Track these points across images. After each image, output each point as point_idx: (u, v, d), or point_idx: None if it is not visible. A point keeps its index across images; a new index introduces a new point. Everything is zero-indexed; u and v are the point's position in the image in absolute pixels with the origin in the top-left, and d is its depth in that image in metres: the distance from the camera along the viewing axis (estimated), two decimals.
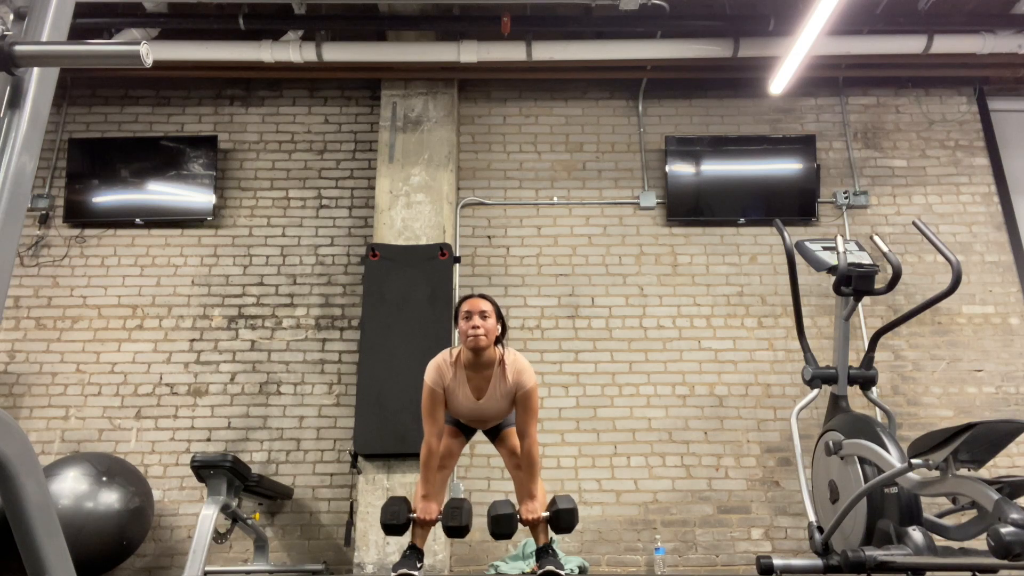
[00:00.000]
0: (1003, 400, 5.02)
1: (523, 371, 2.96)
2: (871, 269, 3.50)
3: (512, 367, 2.96)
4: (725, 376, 5.09)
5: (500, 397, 2.98)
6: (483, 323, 2.89)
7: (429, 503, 2.97)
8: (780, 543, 4.76)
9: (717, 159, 5.44)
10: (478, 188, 5.51)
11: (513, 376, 2.95)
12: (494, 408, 3.01)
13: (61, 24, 1.24)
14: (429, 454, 2.96)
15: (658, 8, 4.94)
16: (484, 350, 2.91)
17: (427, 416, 2.98)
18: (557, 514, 2.95)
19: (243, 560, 4.73)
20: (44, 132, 1.21)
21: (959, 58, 5.25)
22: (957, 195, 5.47)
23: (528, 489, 2.99)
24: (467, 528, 2.91)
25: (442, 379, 2.97)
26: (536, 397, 2.97)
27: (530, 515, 2.94)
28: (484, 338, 2.88)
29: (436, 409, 2.98)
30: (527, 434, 2.95)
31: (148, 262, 5.35)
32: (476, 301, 2.96)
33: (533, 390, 2.95)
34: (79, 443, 4.95)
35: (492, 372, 2.97)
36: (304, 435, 4.98)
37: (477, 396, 2.99)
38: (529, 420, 2.95)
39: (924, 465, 2.58)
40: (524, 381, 2.94)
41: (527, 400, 2.94)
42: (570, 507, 2.96)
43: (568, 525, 2.95)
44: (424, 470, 2.98)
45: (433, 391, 2.96)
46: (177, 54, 5.09)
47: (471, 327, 2.88)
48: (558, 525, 2.96)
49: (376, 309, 4.84)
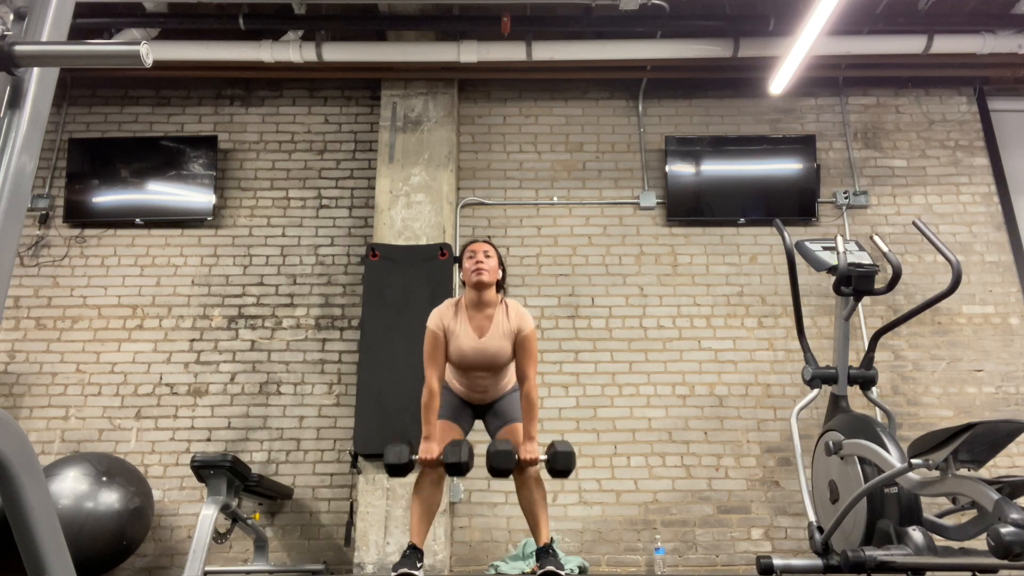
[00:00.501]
0: (1003, 400, 5.02)
1: (524, 316, 3.09)
2: (871, 269, 3.50)
3: (513, 310, 3.10)
4: (725, 376, 5.09)
5: (501, 336, 3.05)
6: (486, 261, 3.05)
7: (431, 443, 3.01)
8: (780, 543, 4.76)
9: (717, 159, 5.44)
10: (478, 188, 5.51)
11: (515, 317, 3.07)
12: (495, 346, 3.05)
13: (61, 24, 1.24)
14: (430, 396, 3.01)
15: (658, 8, 4.94)
16: (487, 287, 3.05)
17: (428, 359, 3.06)
18: (555, 455, 3.01)
19: (243, 560, 4.73)
20: (44, 132, 1.21)
21: (959, 58, 5.25)
22: (957, 195, 5.47)
23: (527, 430, 3.04)
24: (467, 466, 2.93)
25: (443, 321, 3.07)
26: (536, 342, 3.10)
27: (529, 455, 2.99)
28: (487, 274, 3.03)
29: (437, 352, 3.06)
30: (527, 377, 3.04)
31: (148, 262, 5.35)
32: (479, 244, 3.13)
33: (533, 334, 3.08)
34: (79, 443, 4.95)
35: (494, 312, 3.08)
36: (304, 435, 4.98)
37: (479, 335, 3.06)
38: (529, 362, 3.06)
39: (924, 465, 2.58)
40: (526, 324, 3.07)
41: (527, 343, 3.05)
42: (567, 450, 3.02)
43: (565, 467, 3.00)
44: (425, 412, 3.02)
45: (435, 334, 3.05)
46: (177, 54, 5.09)
47: (475, 264, 3.04)
48: (555, 467, 3.01)
49: (376, 309, 4.84)
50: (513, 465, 2.94)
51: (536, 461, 3.00)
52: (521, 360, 3.07)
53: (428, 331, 3.06)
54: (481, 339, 3.05)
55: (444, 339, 3.06)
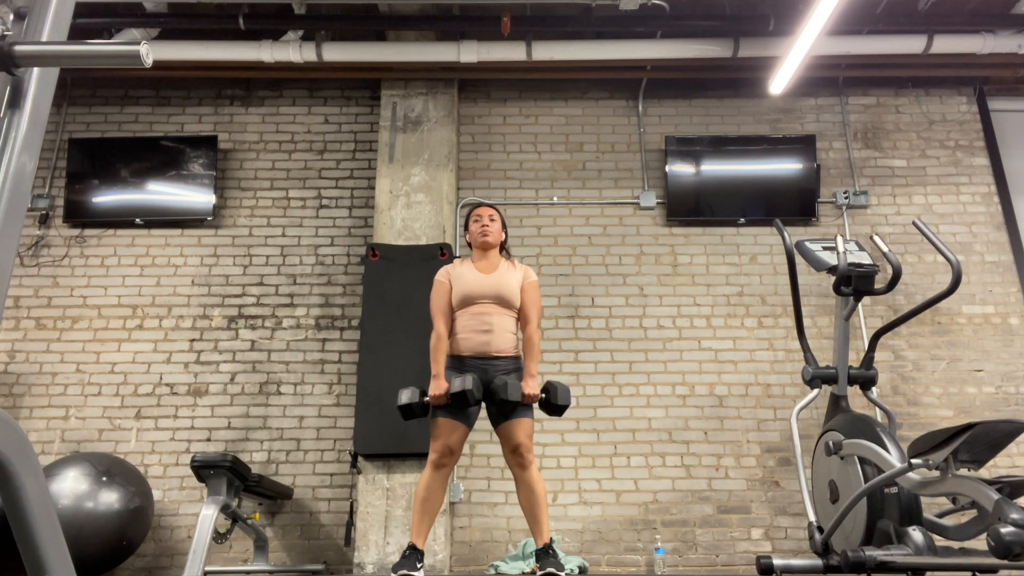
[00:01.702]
0: (1003, 400, 5.02)
1: (528, 268, 3.35)
2: (871, 269, 3.50)
3: (518, 263, 3.37)
4: (725, 376, 5.09)
5: (508, 275, 3.27)
6: (491, 224, 3.32)
7: (439, 381, 3.12)
8: (780, 543, 4.76)
9: (717, 159, 5.44)
10: (478, 188, 5.51)
11: (520, 267, 3.34)
12: (503, 280, 3.25)
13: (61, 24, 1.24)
14: (438, 339, 3.18)
15: (658, 8, 4.94)
16: (492, 247, 3.32)
17: (435, 308, 3.25)
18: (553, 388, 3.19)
19: (243, 560, 4.73)
20: (44, 132, 1.21)
21: (959, 58, 5.25)
22: (957, 195, 5.47)
23: (528, 368, 3.20)
24: (475, 397, 3.04)
25: (449, 274, 3.29)
26: (539, 292, 3.33)
27: (531, 390, 3.12)
28: (492, 236, 3.30)
29: (443, 298, 3.25)
30: (530, 321, 3.25)
31: (148, 262, 5.35)
32: (484, 208, 3.37)
33: (537, 284, 3.32)
34: (79, 443, 4.95)
35: (499, 263, 3.33)
36: (304, 435, 4.98)
37: (486, 273, 3.27)
38: (532, 310, 3.26)
39: (924, 465, 2.58)
40: (530, 274, 3.33)
41: (532, 290, 3.28)
42: (564, 385, 3.23)
43: (564, 402, 3.20)
44: (434, 353, 3.17)
45: (442, 283, 3.27)
46: (177, 54, 5.09)
47: (481, 227, 3.30)
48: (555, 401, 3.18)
49: (376, 309, 4.84)
50: (518, 397, 3.08)
51: (537, 397, 3.15)
52: (525, 305, 3.26)
53: (436, 282, 3.28)
54: (487, 275, 3.26)
55: (450, 286, 3.25)
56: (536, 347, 3.22)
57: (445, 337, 3.20)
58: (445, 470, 3.13)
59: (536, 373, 3.20)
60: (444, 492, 3.18)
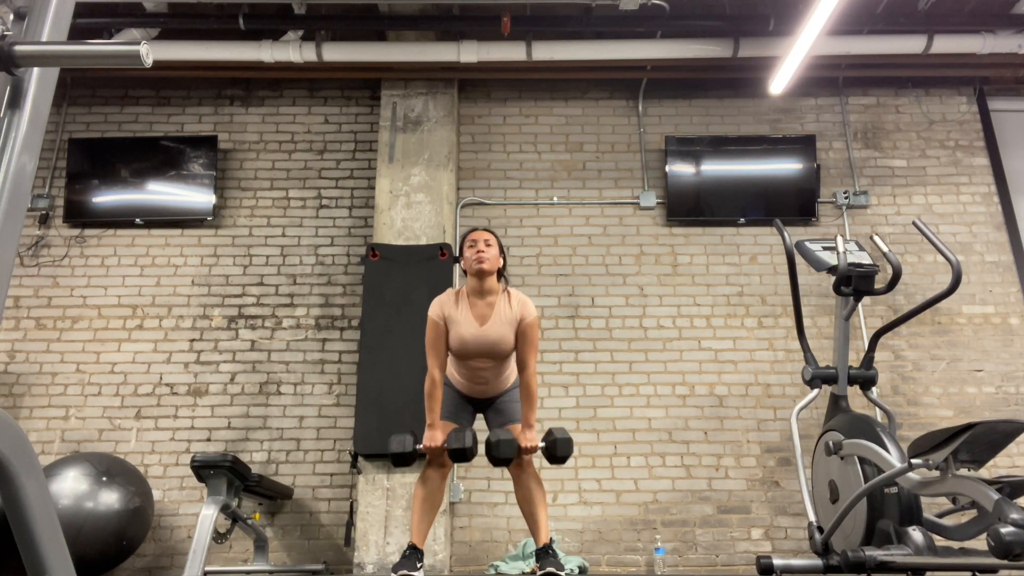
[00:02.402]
0: (1003, 400, 5.02)
1: (527, 303, 3.09)
2: (871, 269, 3.50)
3: (516, 297, 3.10)
4: (725, 376, 5.09)
5: (503, 323, 3.04)
6: (487, 250, 3.04)
7: (434, 431, 3.02)
8: (780, 543, 4.76)
9: (717, 159, 5.44)
10: (478, 188, 5.51)
11: (517, 304, 3.07)
12: (497, 333, 3.04)
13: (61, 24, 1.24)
14: (432, 385, 3.03)
15: (658, 8, 4.94)
16: (488, 275, 3.04)
17: (430, 349, 3.06)
18: (554, 442, 3.03)
19: (243, 560, 4.73)
20: (44, 132, 1.21)
21: (959, 58, 5.25)
22: (957, 195, 5.47)
23: (526, 418, 3.06)
24: (471, 451, 2.94)
25: (444, 310, 3.07)
26: (537, 330, 3.09)
27: (529, 443, 3.01)
28: (488, 263, 3.02)
29: (438, 341, 3.06)
30: (527, 365, 3.05)
31: (148, 262, 5.35)
32: (480, 232, 3.11)
33: (535, 323, 3.07)
34: (79, 443, 4.95)
35: (496, 300, 3.08)
36: (304, 435, 4.98)
37: (480, 323, 3.05)
38: (530, 351, 3.06)
39: (924, 465, 2.58)
40: (528, 312, 3.06)
41: (529, 331, 3.05)
42: (565, 436, 3.05)
43: (564, 453, 3.03)
44: (428, 400, 3.03)
45: (436, 323, 3.06)
46: (177, 54, 5.09)
47: (476, 252, 3.02)
48: (554, 453, 3.03)
49: (376, 309, 4.84)
50: (513, 454, 2.96)
51: (535, 449, 3.02)
52: (522, 348, 3.07)
53: (429, 320, 3.07)
54: (482, 327, 3.04)
55: (445, 328, 3.06)
56: (534, 393, 3.04)
57: (440, 382, 3.05)
58: (444, 470, 3.13)
59: (534, 423, 3.06)
60: (443, 492, 3.18)
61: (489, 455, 2.96)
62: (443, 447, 2.98)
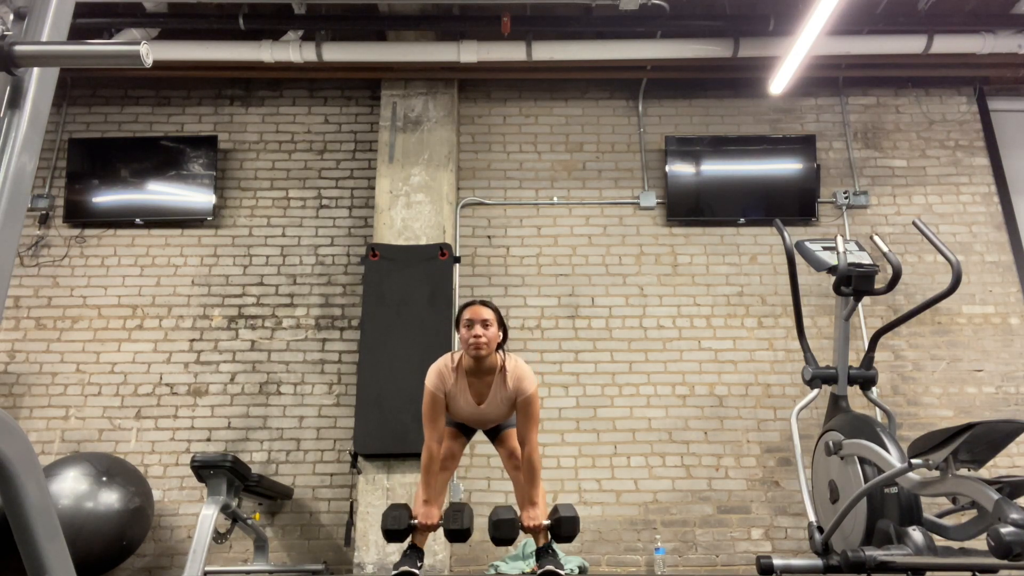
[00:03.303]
0: (1003, 400, 5.02)
1: (523, 377, 2.96)
2: (871, 269, 3.50)
3: (513, 374, 2.96)
4: (725, 376, 5.09)
5: (501, 402, 2.99)
6: (484, 332, 2.88)
7: (430, 508, 2.97)
8: (780, 543, 4.75)
9: (717, 159, 5.44)
10: (478, 188, 5.51)
11: (514, 383, 2.95)
12: (495, 413, 3.04)
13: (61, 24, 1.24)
14: (430, 459, 2.96)
15: (658, 8, 4.94)
16: (485, 358, 2.92)
17: (428, 421, 2.99)
18: (559, 522, 2.94)
19: (243, 560, 4.73)
20: (44, 132, 1.21)
21: (959, 58, 5.25)
22: (957, 195, 5.47)
23: (529, 495, 2.99)
24: (468, 532, 2.91)
25: (443, 384, 2.97)
26: (537, 403, 2.97)
27: (531, 522, 2.94)
28: (485, 347, 2.89)
29: (437, 414, 2.98)
30: (528, 440, 2.95)
31: (148, 262, 5.35)
32: (478, 309, 2.93)
33: (534, 396, 2.95)
34: (79, 443, 4.95)
35: (493, 378, 2.98)
36: (304, 435, 4.98)
37: (478, 401, 3.00)
38: (530, 426, 2.95)
39: (924, 465, 2.58)
40: (525, 387, 2.94)
41: (528, 406, 2.95)
42: (572, 515, 2.94)
43: (569, 534, 2.93)
44: (425, 475, 2.98)
45: (434, 396, 2.97)
46: (177, 54, 5.09)
47: (472, 335, 2.87)
48: (559, 533, 2.94)
49: (376, 309, 4.84)
50: (515, 536, 2.91)
51: (540, 528, 2.95)
52: (522, 423, 2.99)
53: (427, 392, 2.97)
54: (480, 406, 3.01)
55: (444, 401, 2.99)
56: (536, 470, 2.95)
57: (437, 457, 2.98)
58: (446, 473, 3.14)
59: (538, 500, 2.97)
60: (445, 494, 3.18)
61: (491, 536, 2.92)
62: (438, 526, 2.94)
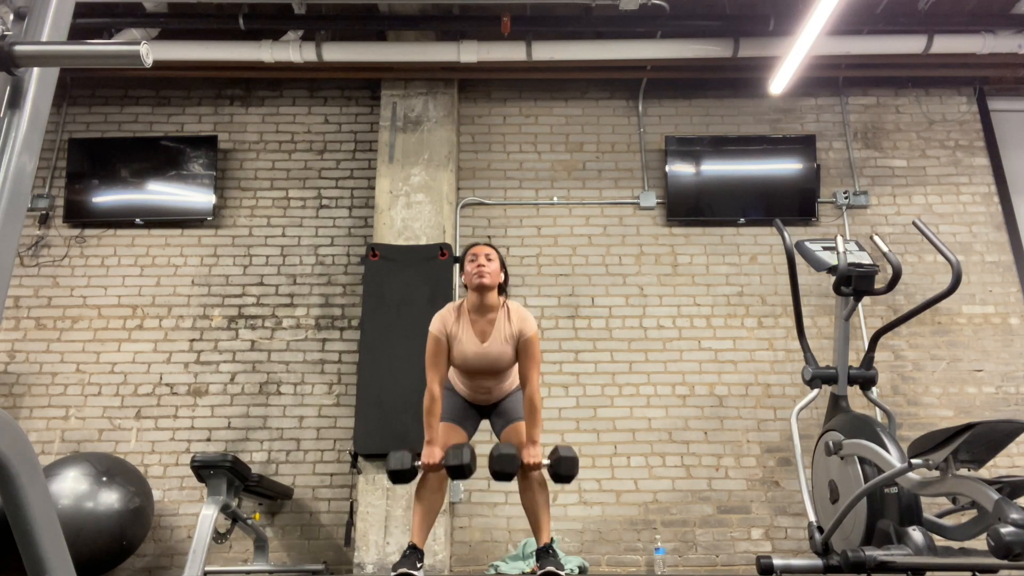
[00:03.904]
0: (1003, 400, 5.02)
1: (526, 318, 3.07)
2: (871, 269, 3.50)
3: (516, 313, 3.07)
4: (725, 376, 5.09)
5: (504, 341, 3.05)
6: (487, 264, 3.02)
7: (433, 448, 3.00)
8: (780, 543, 4.76)
9: (717, 159, 5.44)
10: (478, 188, 5.51)
11: (517, 321, 3.05)
12: (498, 351, 3.05)
13: (61, 24, 1.24)
14: (432, 401, 3.01)
15: (658, 8, 4.94)
16: (489, 290, 3.02)
17: (430, 364, 3.05)
18: (558, 461, 2.99)
19: (243, 560, 4.73)
20: (44, 132, 1.21)
21: (959, 58, 5.25)
22: (957, 195, 5.47)
23: (530, 434, 3.02)
24: (469, 468, 2.92)
25: (445, 326, 3.06)
26: (538, 345, 3.08)
27: (531, 459, 2.98)
28: (488, 278, 3.00)
29: (439, 357, 3.05)
30: (529, 380, 3.03)
31: (148, 262, 5.35)
32: (481, 247, 3.09)
33: (535, 337, 3.06)
34: (79, 443, 4.95)
35: (496, 316, 3.06)
36: (304, 435, 4.98)
37: (481, 339, 3.05)
38: (531, 366, 3.04)
39: (924, 465, 2.58)
40: (527, 328, 3.05)
41: (530, 346, 3.04)
42: (571, 455, 2.99)
43: (568, 473, 2.98)
44: (427, 417, 3.02)
45: (437, 339, 3.05)
46: (177, 54, 5.09)
47: (476, 267, 3.00)
48: (558, 472, 2.99)
49: (376, 309, 4.84)
50: (516, 469, 2.93)
51: (539, 466, 2.99)
52: (523, 363, 3.06)
53: (430, 335, 3.05)
54: (483, 344, 3.05)
55: (447, 344, 3.05)
56: (537, 409, 3.01)
57: (439, 399, 3.04)
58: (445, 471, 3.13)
59: (538, 439, 3.03)
60: (445, 493, 3.18)
61: (491, 470, 2.94)
62: (441, 464, 2.97)
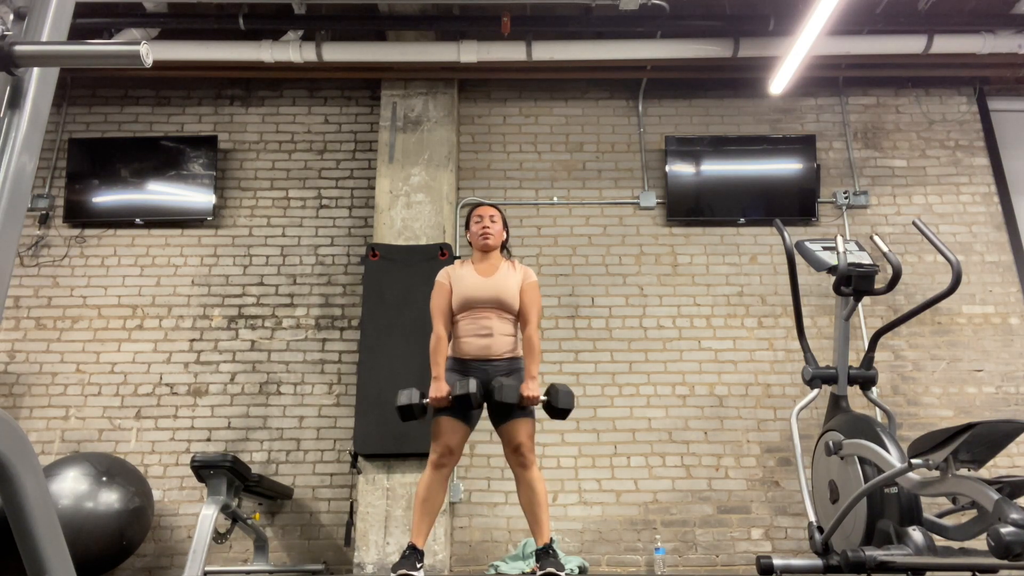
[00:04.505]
0: (1003, 400, 5.02)
1: (528, 269, 3.33)
2: (871, 269, 3.50)
3: (519, 264, 3.34)
4: (725, 376, 5.09)
5: (508, 276, 3.25)
6: (492, 225, 3.29)
7: (440, 383, 3.10)
8: (780, 543, 4.76)
9: (717, 159, 5.44)
10: (478, 188, 5.51)
11: (521, 269, 3.32)
12: (502, 282, 3.23)
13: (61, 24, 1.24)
14: (438, 341, 3.17)
15: (658, 8, 4.94)
16: (492, 249, 3.30)
17: (435, 309, 3.24)
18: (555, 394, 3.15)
19: (243, 560, 4.73)
20: (44, 132, 1.21)
21: (959, 58, 5.25)
22: (957, 195, 5.47)
23: (528, 370, 3.16)
24: (476, 397, 3.02)
25: (449, 276, 3.28)
26: (538, 292, 3.30)
27: (529, 392, 3.09)
28: (493, 238, 3.28)
29: (444, 301, 3.23)
30: (529, 322, 3.21)
31: (148, 262, 5.35)
32: (485, 207, 3.36)
33: (536, 285, 3.29)
34: (79, 443, 4.95)
35: (499, 263, 3.31)
36: (304, 435, 4.98)
37: (485, 275, 3.24)
38: (532, 309, 3.23)
39: (924, 465, 2.58)
40: (529, 274, 3.30)
41: (531, 291, 3.26)
42: (567, 389, 3.18)
43: (566, 406, 3.15)
44: (433, 355, 3.16)
45: (442, 285, 3.26)
46: (177, 54, 5.09)
47: (482, 227, 3.28)
48: (556, 405, 3.14)
49: (376, 309, 4.84)
50: (516, 399, 3.05)
51: (536, 399, 3.11)
52: (525, 306, 3.24)
53: (436, 284, 3.27)
54: (487, 278, 3.23)
55: (450, 288, 3.24)
56: (536, 348, 3.18)
57: (445, 339, 3.18)
58: (445, 470, 3.13)
59: (537, 375, 3.17)
60: (444, 492, 3.18)
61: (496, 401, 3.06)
62: (449, 396, 3.06)
